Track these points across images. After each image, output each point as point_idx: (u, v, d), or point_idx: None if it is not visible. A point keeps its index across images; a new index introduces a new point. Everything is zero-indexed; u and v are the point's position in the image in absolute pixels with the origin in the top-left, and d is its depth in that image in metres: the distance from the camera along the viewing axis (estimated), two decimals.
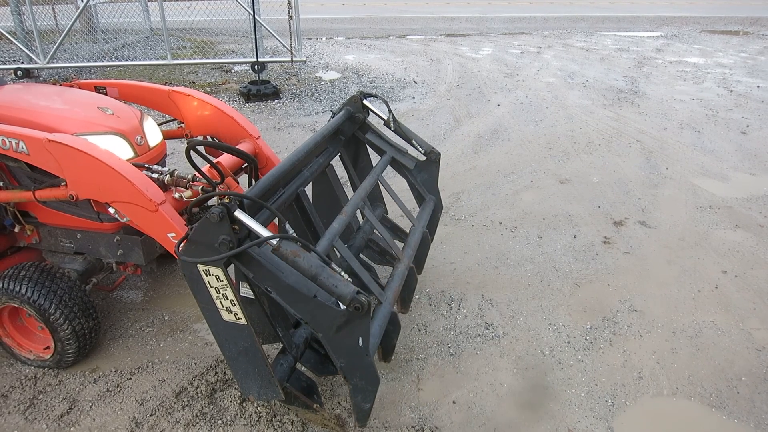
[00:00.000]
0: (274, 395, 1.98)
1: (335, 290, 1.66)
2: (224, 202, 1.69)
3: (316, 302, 1.74)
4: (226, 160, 2.68)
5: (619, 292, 3.21)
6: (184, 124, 3.12)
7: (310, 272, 1.68)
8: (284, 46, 7.78)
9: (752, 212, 4.24)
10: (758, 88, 8.42)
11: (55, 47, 7.78)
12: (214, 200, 1.83)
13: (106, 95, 3.07)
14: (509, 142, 5.71)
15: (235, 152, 2.40)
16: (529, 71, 9.23)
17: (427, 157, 2.96)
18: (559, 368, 2.62)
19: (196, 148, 2.08)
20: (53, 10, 9.02)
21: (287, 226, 1.99)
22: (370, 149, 3.06)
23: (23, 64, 7.87)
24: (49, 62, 7.79)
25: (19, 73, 7.65)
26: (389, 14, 17.16)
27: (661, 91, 8.08)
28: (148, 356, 2.64)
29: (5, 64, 8.04)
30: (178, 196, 2.31)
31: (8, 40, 7.94)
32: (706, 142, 5.86)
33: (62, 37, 7.74)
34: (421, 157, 2.99)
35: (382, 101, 2.98)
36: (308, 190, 2.62)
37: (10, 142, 2.18)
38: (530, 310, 3.03)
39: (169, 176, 2.31)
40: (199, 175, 2.23)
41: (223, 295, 1.79)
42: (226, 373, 2.50)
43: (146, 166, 2.38)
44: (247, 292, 1.92)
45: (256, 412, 2.29)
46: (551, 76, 8.94)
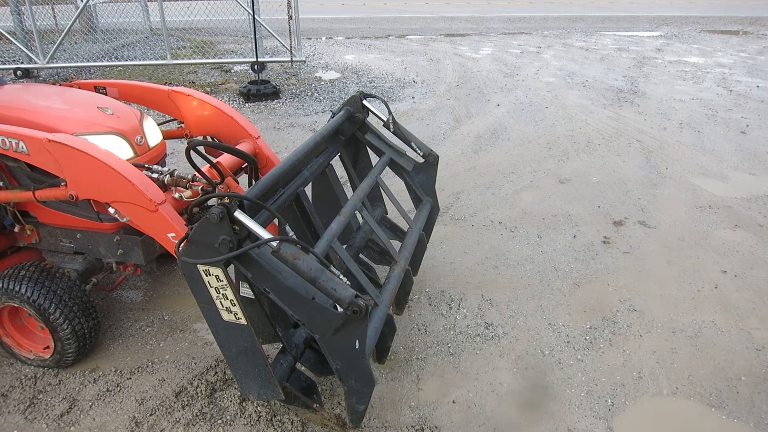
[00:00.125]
0: (273, 395, 1.98)
1: (334, 293, 1.66)
2: (224, 202, 1.69)
3: (314, 304, 1.74)
4: (226, 160, 2.68)
5: (618, 291, 3.22)
6: (183, 124, 3.11)
7: (309, 275, 1.68)
8: (284, 46, 7.78)
9: (752, 212, 4.24)
10: (758, 87, 8.42)
11: (54, 47, 7.78)
12: (214, 200, 1.84)
13: (105, 95, 3.07)
14: (509, 141, 5.71)
15: (235, 152, 2.39)
16: (528, 71, 9.23)
17: (425, 159, 2.96)
18: (558, 368, 2.62)
19: (195, 148, 2.08)
20: (53, 10, 9.02)
21: (287, 228, 1.99)
22: (369, 150, 3.07)
23: (23, 64, 7.87)
24: (48, 62, 7.79)
25: (18, 73, 7.65)
26: (389, 14, 17.16)
27: (660, 90, 8.08)
28: (148, 356, 2.64)
29: (5, 64, 8.05)
30: (178, 196, 2.30)
31: (8, 40, 7.94)
32: (705, 141, 5.86)
33: (62, 37, 7.74)
34: (419, 159, 2.99)
35: (381, 102, 2.98)
36: (308, 189, 2.62)
37: (10, 142, 2.18)
38: (530, 309, 3.04)
39: (169, 176, 2.31)
40: (199, 175, 2.23)
41: (223, 295, 1.79)
42: (225, 372, 2.51)
43: (146, 166, 2.38)
44: (246, 292, 1.92)
45: (255, 411, 2.30)
46: (551, 75, 8.94)
